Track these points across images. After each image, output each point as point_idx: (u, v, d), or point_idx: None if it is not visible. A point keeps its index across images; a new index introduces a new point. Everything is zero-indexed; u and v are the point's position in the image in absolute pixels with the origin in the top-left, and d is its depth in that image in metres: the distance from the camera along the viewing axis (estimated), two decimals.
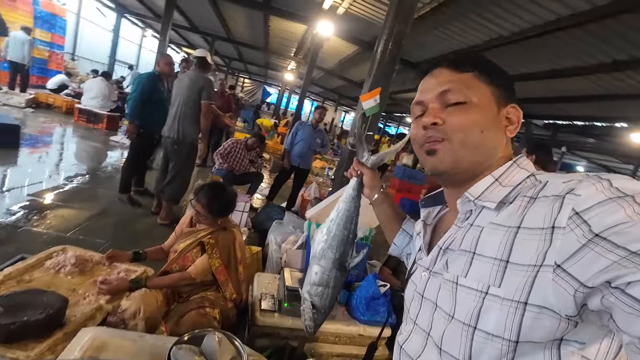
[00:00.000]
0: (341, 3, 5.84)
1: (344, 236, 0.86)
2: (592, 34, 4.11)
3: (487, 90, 0.59)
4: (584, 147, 11.72)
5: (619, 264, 0.36)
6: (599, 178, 0.43)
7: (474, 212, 0.57)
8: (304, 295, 0.88)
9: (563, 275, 0.41)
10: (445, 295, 0.56)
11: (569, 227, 0.41)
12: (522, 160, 0.59)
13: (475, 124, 0.57)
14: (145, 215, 3.44)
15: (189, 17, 10.37)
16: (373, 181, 0.91)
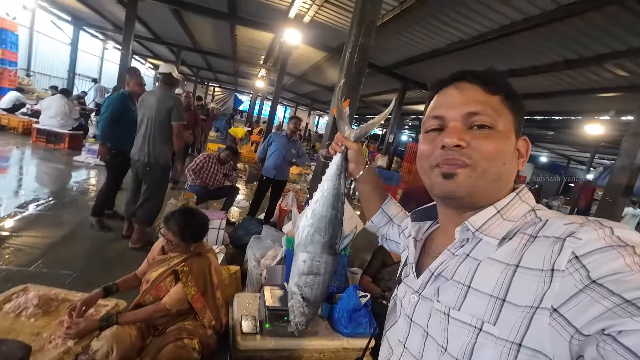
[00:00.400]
0: (307, 11, 5.88)
1: (332, 216, 0.81)
2: (544, 36, 4.38)
3: (511, 119, 0.56)
4: (544, 139, 12.43)
5: (613, 311, 0.36)
6: (600, 224, 0.43)
7: (471, 242, 0.55)
8: (291, 289, 0.82)
9: (559, 319, 0.40)
10: (436, 324, 0.55)
11: (568, 270, 0.41)
12: (524, 193, 0.57)
13: (501, 154, 0.54)
14: (116, 239, 3.28)
15: (152, 29, 10.08)
16: (358, 156, 0.87)
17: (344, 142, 0.86)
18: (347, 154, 0.86)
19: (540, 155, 17.76)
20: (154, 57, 15.61)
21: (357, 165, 0.87)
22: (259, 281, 2.53)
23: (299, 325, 0.83)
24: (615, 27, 3.78)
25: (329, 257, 0.81)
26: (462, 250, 0.56)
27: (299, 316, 0.81)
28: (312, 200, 0.85)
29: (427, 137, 0.60)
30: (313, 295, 0.80)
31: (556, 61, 5.09)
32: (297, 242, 0.84)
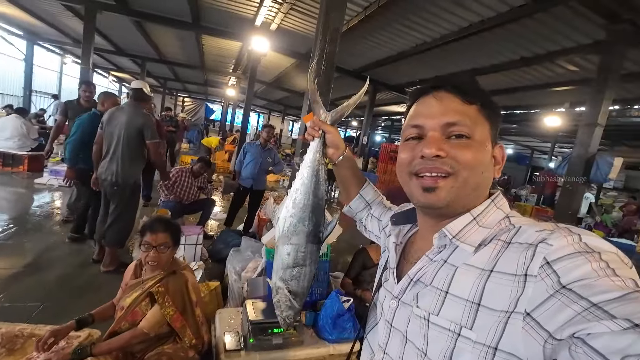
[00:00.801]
0: (273, 19, 5.89)
1: (314, 204, 0.78)
2: (500, 37, 4.63)
3: (487, 127, 0.58)
4: (509, 132, 13.08)
5: (582, 315, 0.37)
6: (569, 231, 0.46)
7: (448, 248, 0.57)
8: (276, 284, 0.79)
9: (532, 323, 0.42)
10: (415, 329, 0.56)
11: (540, 275, 0.43)
12: (499, 200, 0.58)
13: (479, 162, 0.56)
14: (86, 264, 3.11)
15: (113, 41, 9.73)
16: (337, 139, 0.84)
17: (321, 126, 0.83)
18: (325, 139, 0.84)
19: (506, 148, 18.65)
20: (117, 69, 15.04)
21: (336, 150, 0.85)
22: (241, 295, 2.48)
23: (287, 319, 0.80)
24: (562, 26, 4.06)
25: (313, 246, 0.78)
26: (440, 257, 0.57)
27: (286, 310, 0.79)
28: (292, 190, 0.81)
29: (406, 145, 0.61)
30: (300, 287, 0.78)
31: (513, 59, 5.39)
32: (278, 234, 0.81)
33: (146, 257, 1.56)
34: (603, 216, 10.54)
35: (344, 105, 0.84)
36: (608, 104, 3.59)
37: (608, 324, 0.35)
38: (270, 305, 1.93)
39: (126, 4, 6.25)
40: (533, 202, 11.27)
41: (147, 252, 1.55)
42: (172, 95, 21.55)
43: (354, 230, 1.00)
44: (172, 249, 1.62)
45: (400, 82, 8.41)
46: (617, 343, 0.34)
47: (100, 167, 2.96)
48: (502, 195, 0.61)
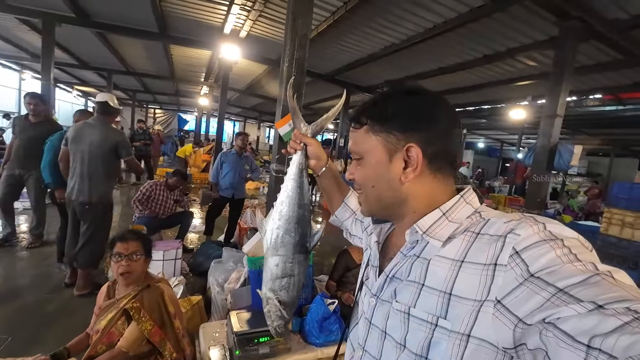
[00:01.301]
0: (242, 26, 5.86)
1: (300, 215, 0.81)
2: (463, 36, 4.83)
3: (376, 141, 0.61)
4: (479, 127, 13.60)
5: (550, 301, 0.40)
6: (535, 221, 0.49)
7: (420, 243, 0.58)
8: (266, 295, 0.80)
9: (502, 310, 0.45)
10: (395, 324, 0.58)
11: (510, 265, 0.46)
12: (468, 195, 0.60)
13: (367, 179, 0.63)
14: (58, 289, 2.96)
15: (76, 54, 9.32)
16: (318, 151, 0.88)
17: (303, 139, 0.87)
18: (307, 150, 0.87)
19: (478, 142, 19.36)
20: (81, 83, 14.43)
21: (318, 161, 0.89)
22: (225, 307, 2.43)
23: (277, 328, 0.82)
24: (519, 24, 4.29)
25: (300, 256, 0.80)
26: (413, 252, 0.59)
27: (276, 320, 0.81)
28: (277, 202, 0.83)
29: None
30: (289, 297, 0.80)
31: (477, 57, 5.63)
32: (266, 246, 0.83)
33: (118, 269, 1.50)
34: (569, 201, 11.14)
35: (323, 118, 0.89)
36: (565, 96, 3.82)
37: (575, 307, 0.37)
38: (255, 314, 1.92)
39: (87, 16, 6.02)
40: (506, 192, 11.77)
41: (118, 263, 1.50)
42: (142, 108, 20.89)
43: (337, 233, 1.03)
44: (144, 258, 1.58)
45: (372, 83, 8.57)
46: (584, 324, 0.36)
47: (68, 187, 2.83)
48: (473, 190, 0.62)
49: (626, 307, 0.35)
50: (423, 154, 0.58)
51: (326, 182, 0.96)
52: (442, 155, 0.60)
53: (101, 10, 5.83)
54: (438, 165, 0.60)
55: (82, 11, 5.85)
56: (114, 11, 5.77)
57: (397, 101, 0.61)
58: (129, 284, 1.55)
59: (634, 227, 3.24)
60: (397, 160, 0.59)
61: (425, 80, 7.05)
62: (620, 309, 0.35)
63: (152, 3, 5.15)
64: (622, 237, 3.34)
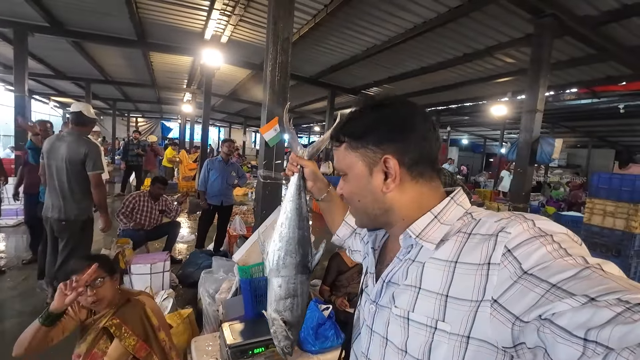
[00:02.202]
0: (223, 32, 5.80)
1: (300, 236, 0.83)
2: (443, 36, 4.92)
3: (356, 157, 0.62)
4: (462, 124, 13.87)
5: (544, 297, 0.40)
6: (524, 218, 0.49)
7: (415, 247, 0.59)
8: (271, 316, 0.81)
9: (499, 309, 0.45)
10: (395, 329, 0.57)
11: (503, 263, 0.46)
12: (458, 196, 0.60)
13: (352, 194, 0.65)
14: (39, 310, 2.81)
15: (51, 64, 9.05)
16: (315, 173, 0.90)
17: (299, 161, 0.89)
18: (304, 173, 0.89)
19: (462, 138, 19.74)
20: (58, 94, 14.01)
21: (315, 183, 0.91)
22: (216, 319, 2.38)
23: (284, 349, 0.82)
24: (496, 23, 4.39)
25: (302, 276, 0.82)
26: (408, 256, 0.59)
27: (283, 340, 0.81)
28: (278, 224, 0.85)
29: None
30: (294, 317, 0.81)
31: (457, 56, 5.74)
32: (269, 268, 0.84)
33: (87, 300, 1.40)
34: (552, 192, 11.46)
35: (319, 141, 0.90)
36: (544, 91, 3.92)
37: (568, 301, 0.38)
38: (248, 325, 1.88)
39: (61, 24, 5.85)
40: (491, 186, 12.00)
41: (84, 296, 1.37)
42: (124, 117, 20.43)
43: (328, 236, 1.02)
44: (109, 279, 1.47)
45: (356, 85, 8.62)
46: (579, 318, 0.36)
47: (45, 203, 2.71)
48: (463, 190, 0.63)
49: (617, 298, 0.35)
50: (400, 164, 0.59)
51: (326, 205, 0.98)
52: (420, 161, 0.60)
53: (76, 19, 5.68)
54: (418, 171, 0.61)
55: (56, 20, 5.69)
56: (90, 19, 5.62)
57: (368, 116, 0.63)
58: (104, 308, 1.48)
59: (615, 215, 3.33)
60: (377, 173, 0.61)
61: (407, 79, 7.15)
62: (612, 300, 0.35)
63: (129, 10, 5.05)
64: (604, 226, 3.44)
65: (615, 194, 3.41)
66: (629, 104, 6.99)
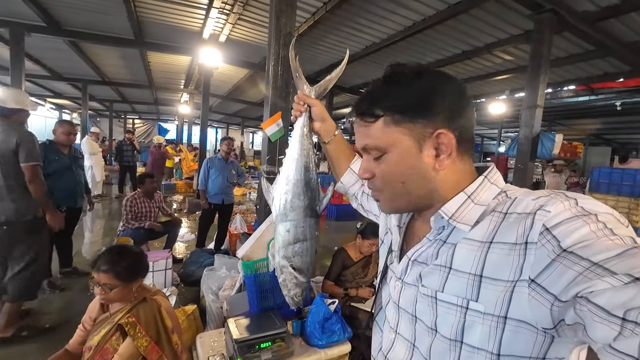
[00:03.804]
0: (221, 31, 5.78)
1: (307, 178, 0.80)
2: (442, 33, 4.93)
3: (400, 133, 0.56)
4: None
5: (583, 275, 0.38)
6: (566, 197, 0.46)
7: (447, 228, 0.56)
8: (280, 263, 0.79)
9: (538, 289, 0.43)
10: (424, 308, 0.56)
11: (540, 242, 0.44)
12: (492, 175, 0.57)
13: (394, 175, 0.57)
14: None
15: (48, 65, 8.98)
16: (322, 112, 0.86)
17: (307, 100, 0.84)
18: (311, 112, 0.85)
19: None
20: (54, 96, 13.91)
21: (323, 123, 0.87)
22: (220, 315, 2.36)
23: (295, 297, 0.81)
24: (495, 19, 4.41)
25: (311, 220, 0.80)
26: (440, 237, 0.57)
27: (293, 288, 0.79)
28: (283, 167, 0.82)
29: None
30: (303, 262, 0.79)
31: (456, 53, 5.75)
32: (275, 213, 0.82)
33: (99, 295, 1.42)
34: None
35: (327, 79, 0.86)
36: (544, 87, 3.93)
37: (609, 280, 0.36)
38: (254, 320, 1.86)
39: (58, 24, 5.80)
40: None
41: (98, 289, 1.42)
42: (120, 118, 20.33)
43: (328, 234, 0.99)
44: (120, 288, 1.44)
45: (354, 83, 8.62)
46: (619, 297, 0.35)
47: None
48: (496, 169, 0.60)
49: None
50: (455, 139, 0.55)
51: (333, 148, 0.92)
52: (467, 136, 0.57)
53: (73, 18, 5.63)
54: (465, 147, 0.57)
55: (53, 19, 5.63)
56: (87, 19, 5.58)
57: (414, 85, 0.56)
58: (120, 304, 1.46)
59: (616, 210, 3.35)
60: (428, 149, 0.55)
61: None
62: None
63: (127, 9, 5.01)
64: None
65: (615, 189, 3.42)
66: (626, 101, 7.04)
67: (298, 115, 0.86)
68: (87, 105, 11.08)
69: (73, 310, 2.77)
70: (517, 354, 0.47)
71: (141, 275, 1.54)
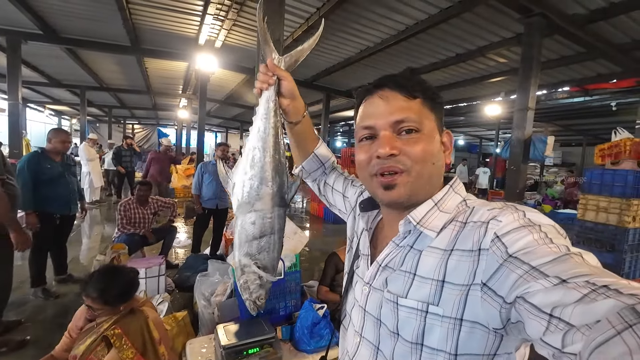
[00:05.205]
0: (217, 36, 5.83)
1: (276, 161, 0.69)
2: (435, 37, 4.97)
3: (432, 118, 0.60)
4: (458, 124, 13.93)
5: (523, 278, 0.42)
6: (515, 209, 0.52)
7: (413, 233, 0.59)
8: (241, 262, 0.68)
9: (489, 292, 0.47)
10: (387, 312, 0.59)
11: (491, 248, 0.48)
12: (456, 185, 0.63)
13: (429, 154, 0.58)
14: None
15: (46, 72, 9.04)
16: (293, 87, 0.75)
17: (276, 70, 0.72)
18: (281, 87, 0.73)
19: (458, 139, 19.84)
20: (53, 102, 13.97)
21: (293, 101, 0.76)
22: (212, 321, 2.37)
23: (257, 300, 0.69)
24: (486, 23, 4.45)
25: (280, 209, 0.69)
26: (406, 242, 0.60)
27: (256, 290, 0.68)
28: (247, 149, 0.71)
29: (362, 147, 0.63)
30: (270, 259, 0.68)
31: (449, 57, 5.79)
32: (237, 203, 0.70)
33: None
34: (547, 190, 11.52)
35: (299, 50, 0.77)
36: (535, 89, 3.96)
37: (542, 282, 0.40)
38: (243, 326, 1.87)
39: (54, 31, 5.86)
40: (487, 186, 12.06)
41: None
42: (120, 124, 20.39)
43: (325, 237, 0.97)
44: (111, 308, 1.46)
45: (351, 87, 8.66)
46: (550, 297, 0.38)
47: None
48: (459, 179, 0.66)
49: (586, 281, 0.37)
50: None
51: (300, 130, 0.83)
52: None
53: (69, 26, 5.69)
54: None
55: (49, 27, 5.69)
56: (83, 26, 5.64)
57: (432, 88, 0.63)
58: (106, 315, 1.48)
59: (608, 211, 3.36)
60: (440, 143, 0.62)
61: None
62: (581, 282, 0.37)
63: (122, 16, 5.07)
64: (598, 222, 3.46)
65: (607, 190, 3.44)
66: (621, 101, 7.07)
67: (264, 88, 0.74)
68: (86, 111, 11.14)
69: (68, 317, 2.77)
70: (472, 352, 0.50)
71: (130, 297, 1.54)
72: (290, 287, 2.27)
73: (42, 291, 3.04)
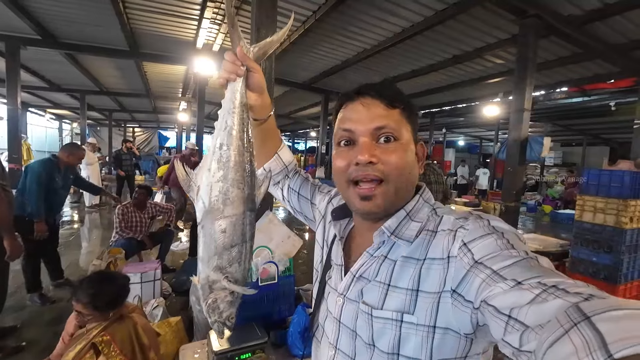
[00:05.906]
0: (214, 40, 5.85)
1: (247, 160, 0.63)
2: (431, 39, 4.98)
3: (409, 129, 0.61)
4: (457, 125, 13.93)
5: (486, 282, 0.44)
6: (480, 218, 0.54)
7: (387, 243, 0.60)
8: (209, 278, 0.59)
9: (459, 298, 0.48)
10: (362, 324, 0.59)
11: (459, 255, 0.50)
12: (425, 194, 0.65)
13: (406, 163, 0.59)
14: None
15: (45, 76, 9.09)
16: (262, 81, 0.70)
17: (246, 60, 0.65)
18: (249, 80, 0.67)
19: (458, 140, 19.81)
20: (54, 106, 14.03)
21: (261, 95, 0.71)
22: (207, 326, 2.37)
23: (228, 321, 0.61)
24: (482, 25, 4.45)
25: (252, 214, 0.62)
26: (380, 252, 0.60)
27: (227, 309, 0.60)
28: (214, 146, 0.64)
29: (340, 153, 0.62)
30: (242, 270, 0.60)
31: (446, 58, 5.80)
32: (204, 209, 0.61)
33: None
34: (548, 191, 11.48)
35: (267, 41, 0.70)
36: (531, 90, 3.95)
37: (501, 285, 0.42)
38: (236, 331, 1.87)
39: (53, 37, 5.89)
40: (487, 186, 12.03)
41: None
42: (120, 127, 20.46)
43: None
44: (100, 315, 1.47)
45: (349, 89, 8.63)
46: (507, 299, 0.40)
47: None
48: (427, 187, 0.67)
49: (538, 282, 0.39)
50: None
51: (265, 129, 0.79)
52: None
53: (68, 31, 5.71)
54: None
55: (48, 33, 5.72)
56: (82, 31, 5.67)
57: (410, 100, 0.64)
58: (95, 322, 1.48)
59: (605, 212, 3.34)
60: (414, 153, 0.63)
61: (399, 82, 7.19)
62: (534, 283, 0.40)
63: (120, 21, 5.09)
64: (595, 223, 3.44)
65: (604, 190, 3.42)
66: (620, 101, 7.05)
67: (231, 79, 0.66)
68: (86, 115, 11.19)
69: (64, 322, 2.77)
70: (445, 357, 0.52)
71: (120, 304, 1.54)
72: (284, 291, 2.27)
73: (38, 296, 3.06)
